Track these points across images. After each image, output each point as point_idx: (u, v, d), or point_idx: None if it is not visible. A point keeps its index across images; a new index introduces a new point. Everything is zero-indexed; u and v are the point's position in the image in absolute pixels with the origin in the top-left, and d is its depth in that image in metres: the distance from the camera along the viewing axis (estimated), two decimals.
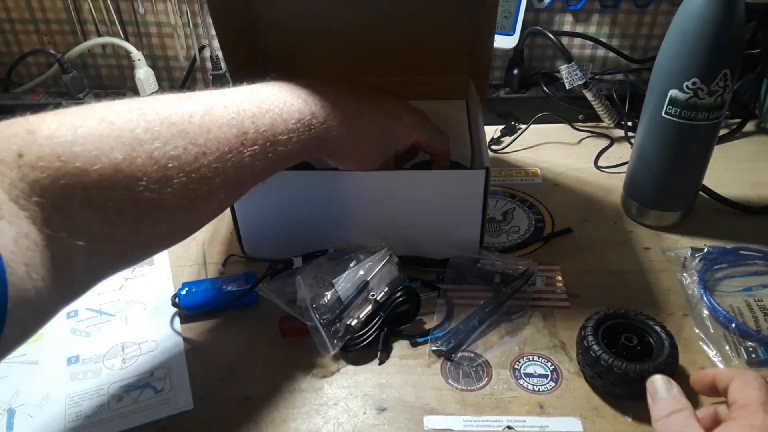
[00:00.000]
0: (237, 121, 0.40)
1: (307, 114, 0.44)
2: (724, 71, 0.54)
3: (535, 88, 0.85)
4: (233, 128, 0.39)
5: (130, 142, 0.34)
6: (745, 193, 0.69)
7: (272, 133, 0.42)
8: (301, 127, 0.44)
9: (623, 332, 0.48)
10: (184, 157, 0.37)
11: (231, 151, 0.39)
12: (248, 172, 0.41)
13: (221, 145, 0.39)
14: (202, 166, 0.37)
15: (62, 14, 0.86)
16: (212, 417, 0.46)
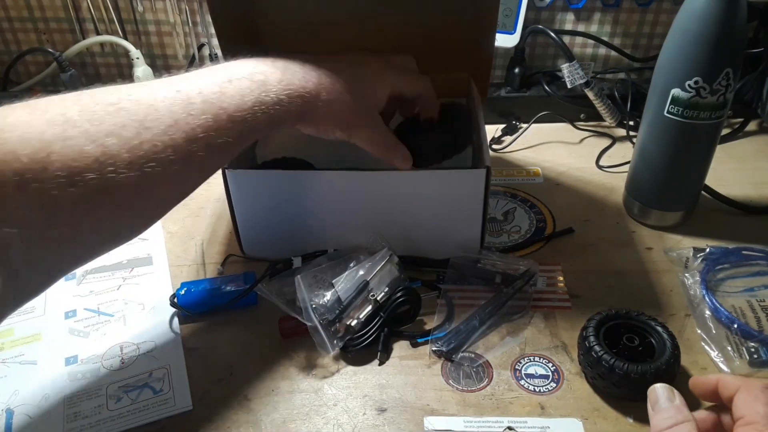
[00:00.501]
0: (182, 94, 0.38)
1: (275, 83, 0.43)
2: (726, 70, 0.53)
3: (537, 87, 0.85)
4: (177, 101, 0.38)
5: (62, 123, 0.33)
6: (747, 193, 0.69)
7: (226, 102, 0.40)
8: (267, 97, 0.42)
9: (625, 333, 0.47)
10: (124, 133, 0.35)
11: (177, 123, 0.37)
12: (203, 145, 0.38)
13: (164, 117, 0.36)
14: (145, 141, 0.35)
15: (61, 12, 0.86)
16: (211, 417, 0.46)
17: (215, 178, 0.56)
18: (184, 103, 0.38)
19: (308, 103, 0.46)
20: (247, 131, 0.42)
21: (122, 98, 0.36)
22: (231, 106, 0.40)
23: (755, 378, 0.39)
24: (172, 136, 0.37)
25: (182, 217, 0.68)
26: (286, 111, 0.44)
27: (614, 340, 0.47)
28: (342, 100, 0.47)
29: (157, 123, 0.36)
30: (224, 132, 0.40)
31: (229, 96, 0.40)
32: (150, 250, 0.63)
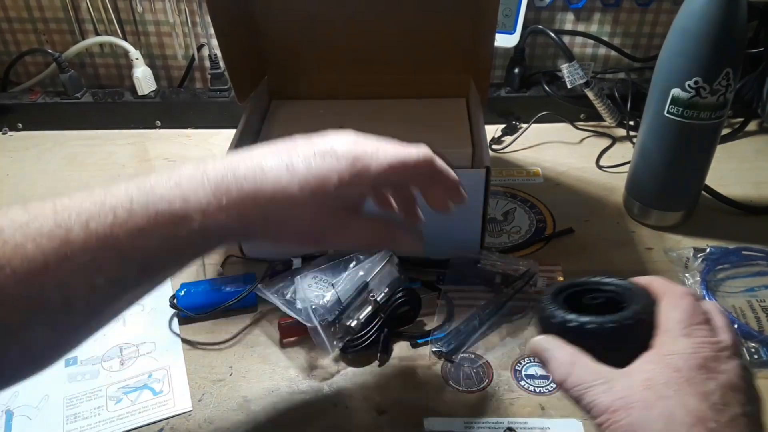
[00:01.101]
0: (61, 228, 0.31)
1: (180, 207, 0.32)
2: (726, 70, 0.53)
3: (537, 87, 0.85)
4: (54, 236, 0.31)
5: None
6: (747, 193, 0.69)
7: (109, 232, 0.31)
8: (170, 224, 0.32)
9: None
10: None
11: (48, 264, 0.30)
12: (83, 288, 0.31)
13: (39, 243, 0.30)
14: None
15: (60, 13, 0.86)
16: (211, 418, 0.46)
17: None
18: (63, 234, 0.31)
19: (249, 222, 0.34)
20: (143, 267, 0.33)
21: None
22: (126, 242, 0.32)
23: (684, 287, 0.34)
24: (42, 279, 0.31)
25: None
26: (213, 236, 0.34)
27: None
28: (298, 218, 0.35)
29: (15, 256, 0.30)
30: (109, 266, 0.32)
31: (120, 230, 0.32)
32: None
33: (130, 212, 0.32)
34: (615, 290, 0.36)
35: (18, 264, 0.30)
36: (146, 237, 0.32)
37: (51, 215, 0.31)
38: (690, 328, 0.31)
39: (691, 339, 0.31)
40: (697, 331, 0.31)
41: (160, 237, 0.32)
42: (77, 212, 0.32)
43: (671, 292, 0.34)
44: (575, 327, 0.33)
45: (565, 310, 0.34)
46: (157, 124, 0.85)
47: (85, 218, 0.31)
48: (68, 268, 0.31)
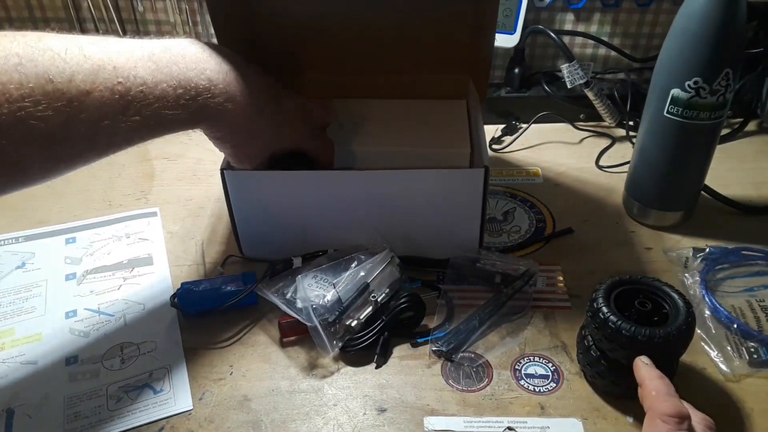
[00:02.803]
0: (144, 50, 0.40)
1: (205, 82, 0.43)
2: (726, 70, 0.53)
3: (536, 87, 0.85)
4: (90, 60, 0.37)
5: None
6: (747, 193, 0.69)
7: (142, 81, 0.39)
8: (194, 92, 0.42)
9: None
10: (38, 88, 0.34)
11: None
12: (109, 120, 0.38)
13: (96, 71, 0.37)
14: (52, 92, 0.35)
15: (61, 12, 0.86)
16: (211, 417, 0.46)
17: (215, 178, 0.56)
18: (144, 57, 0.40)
19: (232, 138, 0.49)
20: (156, 121, 0.41)
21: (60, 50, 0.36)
22: (149, 92, 0.40)
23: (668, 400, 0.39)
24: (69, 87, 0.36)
25: (182, 217, 0.68)
26: (211, 124, 0.46)
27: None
28: (260, 145, 0.51)
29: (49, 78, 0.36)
30: (130, 109, 0.39)
31: (150, 82, 0.40)
32: (150, 250, 0.63)
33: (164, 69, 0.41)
34: (665, 304, 0.44)
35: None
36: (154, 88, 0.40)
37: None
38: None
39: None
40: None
41: (165, 87, 0.40)
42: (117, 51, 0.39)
43: (654, 410, 0.39)
44: (644, 340, 0.41)
45: (621, 318, 0.42)
46: None
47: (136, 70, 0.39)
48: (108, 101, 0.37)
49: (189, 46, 0.43)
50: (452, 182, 0.54)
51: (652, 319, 0.44)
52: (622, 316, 0.43)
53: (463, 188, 0.54)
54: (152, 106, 0.40)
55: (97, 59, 0.38)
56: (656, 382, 0.40)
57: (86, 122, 0.37)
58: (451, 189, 0.55)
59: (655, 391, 0.39)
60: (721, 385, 0.47)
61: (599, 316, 0.43)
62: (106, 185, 0.73)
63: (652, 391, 0.39)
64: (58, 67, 0.35)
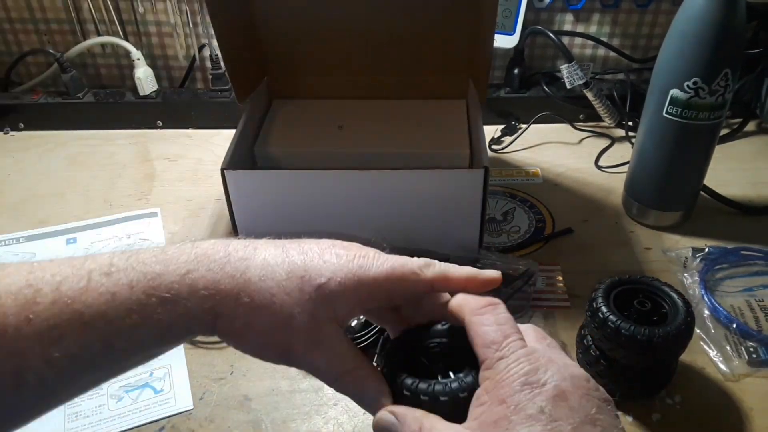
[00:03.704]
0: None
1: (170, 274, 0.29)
2: (725, 71, 0.54)
3: (536, 87, 0.85)
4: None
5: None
6: (746, 193, 0.69)
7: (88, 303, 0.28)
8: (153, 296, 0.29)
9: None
10: None
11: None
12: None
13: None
14: None
15: (62, 14, 0.86)
16: (212, 417, 0.46)
17: (216, 178, 0.56)
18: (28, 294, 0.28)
19: (221, 304, 0.30)
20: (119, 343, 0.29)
21: None
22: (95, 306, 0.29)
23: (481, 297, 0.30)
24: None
25: (183, 217, 0.68)
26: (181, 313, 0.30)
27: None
28: (274, 309, 0.30)
29: None
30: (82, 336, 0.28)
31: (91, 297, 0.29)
32: None
33: (107, 275, 0.29)
34: (664, 303, 0.44)
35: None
36: (115, 304, 0.28)
37: (25, 274, 0.29)
38: (502, 348, 0.28)
39: (507, 359, 0.27)
40: (510, 346, 0.27)
41: (129, 305, 0.28)
42: (52, 273, 0.29)
43: (466, 314, 0.29)
44: (643, 339, 0.41)
45: (621, 317, 0.42)
46: (159, 124, 0.85)
47: (59, 279, 0.29)
48: (26, 334, 0.28)
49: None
50: (452, 183, 0.54)
51: (651, 318, 0.44)
52: (622, 315, 0.43)
53: (463, 189, 0.54)
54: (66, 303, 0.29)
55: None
56: (461, 284, 0.31)
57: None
58: (451, 189, 0.55)
59: (461, 299, 0.30)
60: (721, 385, 0.47)
61: (599, 315, 0.43)
62: (106, 186, 0.74)
63: (459, 300, 0.31)
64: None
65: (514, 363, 0.27)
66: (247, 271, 0.30)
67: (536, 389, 0.26)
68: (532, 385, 0.26)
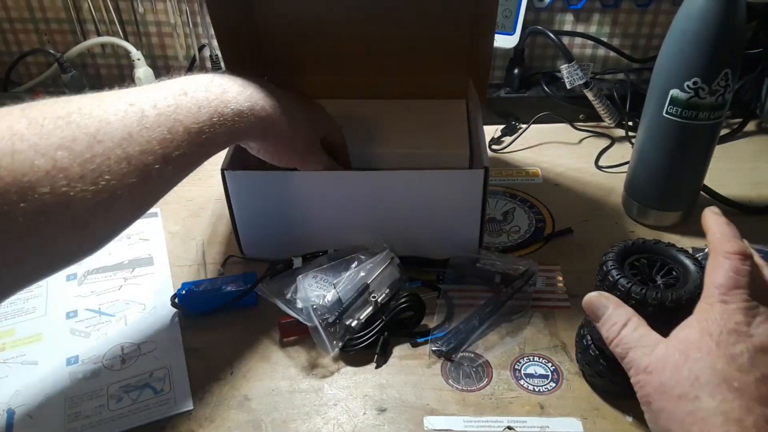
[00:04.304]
0: (134, 107, 0.37)
1: (235, 95, 0.43)
2: (725, 71, 0.54)
3: (536, 87, 0.85)
4: (129, 114, 0.37)
5: (9, 137, 0.32)
6: (746, 193, 0.69)
7: (182, 114, 0.39)
8: (226, 109, 0.42)
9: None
10: (75, 146, 0.34)
11: (131, 136, 0.36)
12: (158, 158, 0.38)
13: (117, 131, 0.36)
14: (97, 155, 0.34)
15: (62, 14, 0.86)
16: (212, 417, 0.46)
17: (216, 179, 0.56)
18: (137, 116, 0.37)
19: (270, 125, 0.46)
20: (205, 144, 0.41)
21: (72, 111, 0.35)
22: (187, 118, 0.40)
23: (734, 243, 0.37)
24: (126, 150, 0.36)
25: (183, 217, 0.68)
26: (246, 126, 0.44)
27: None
28: (300, 131, 0.50)
29: (109, 136, 0.35)
30: (181, 145, 0.39)
31: (185, 108, 0.40)
32: (151, 250, 0.63)
33: (188, 94, 0.40)
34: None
35: (105, 135, 0.35)
36: (203, 112, 0.40)
37: (121, 98, 0.38)
38: (727, 294, 0.33)
39: (727, 305, 0.33)
40: (734, 296, 0.33)
41: (211, 114, 0.41)
42: (145, 97, 0.38)
43: (717, 250, 0.36)
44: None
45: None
46: None
47: (152, 100, 0.38)
48: (148, 137, 0.37)
49: (181, 98, 0.42)
50: (452, 183, 0.54)
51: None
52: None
53: (463, 189, 0.55)
54: (173, 117, 0.40)
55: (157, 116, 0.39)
56: (723, 227, 0.38)
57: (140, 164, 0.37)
58: (451, 190, 0.55)
59: (719, 234, 0.37)
60: None
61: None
62: None
63: (717, 233, 0.38)
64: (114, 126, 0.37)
65: (732, 311, 0.33)
66: (280, 120, 0.48)
67: (743, 337, 0.32)
68: (740, 333, 0.32)
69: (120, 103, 0.37)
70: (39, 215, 0.32)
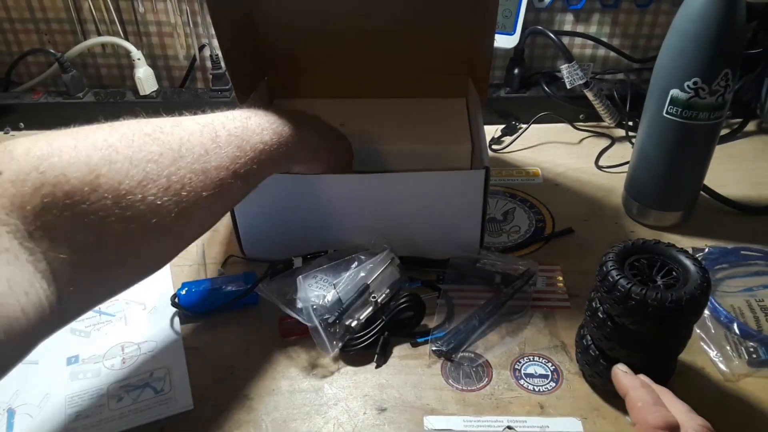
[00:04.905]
0: (208, 128, 0.42)
1: (285, 125, 0.48)
2: (725, 71, 0.54)
3: (536, 87, 0.85)
4: (205, 133, 0.41)
5: (106, 148, 0.35)
6: (746, 193, 0.69)
7: (248, 134, 0.44)
8: (284, 132, 0.47)
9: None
10: (162, 160, 0.37)
11: (207, 153, 0.40)
12: (230, 174, 0.42)
13: (195, 147, 0.40)
14: (181, 168, 0.38)
15: (62, 13, 0.86)
16: (212, 417, 0.46)
17: None
18: (211, 136, 0.41)
19: (314, 152, 0.53)
20: (267, 161, 0.45)
21: (156, 130, 0.38)
22: (253, 137, 0.44)
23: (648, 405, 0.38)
24: (204, 165, 0.40)
25: None
26: (296, 148, 0.49)
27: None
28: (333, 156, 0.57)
29: (190, 152, 0.39)
30: (248, 161, 0.43)
31: (251, 130, 0.45)
32: None
33: (251, 119, 0.45)
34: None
35: (186, 151, 0.39)
36: (265, 134, 0.45)
37: (195, 120, 0.42)
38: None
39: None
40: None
41: (271, 135, 0.46)
42: (216, 120, 0.43)
43: (642, 423, 0.37)
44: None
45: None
46: None
47: (222, 123, 0.43)
48: (221, 154, 0.41)
49: (247, 121, 0.46)
50: (453, 183, 0.54)
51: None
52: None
53: (464, 189, 0.55)
54: (239, 138, 0.44)
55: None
56: (640, 392, 0.39)
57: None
58: (452, 190, 0.55)
59: (640, 402, 0.38)
60: (720, 385, 0.47)
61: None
62: None
63: (638, 402, 0.38)
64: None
65: None
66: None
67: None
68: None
69: (195, 125, 0.42)
70: (131, 221, 0.35)
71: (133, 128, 0.38)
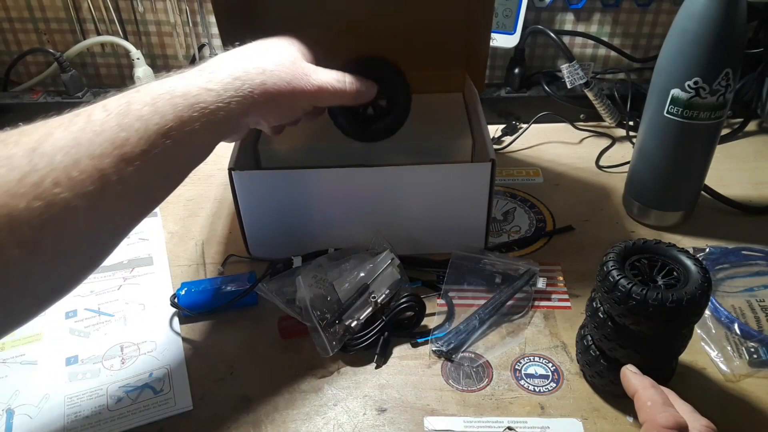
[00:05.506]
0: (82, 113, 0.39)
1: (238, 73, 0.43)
2: (726, 70, 0.53)
3: (537, 87, 0.85)
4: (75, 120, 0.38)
5: None
6: (747, 193, 0.69)
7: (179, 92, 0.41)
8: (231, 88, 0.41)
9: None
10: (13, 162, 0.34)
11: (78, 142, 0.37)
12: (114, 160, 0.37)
13: (59, 140, 0.37)
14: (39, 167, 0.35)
15: (61, 13, 0.86)
16: (211, 417, 0.46)
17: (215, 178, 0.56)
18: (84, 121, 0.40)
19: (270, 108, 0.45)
20: (214, 120, 0.40)
21: (14, 133, 0.36)
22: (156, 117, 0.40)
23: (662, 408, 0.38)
24: (74, 157, 0.37)
25: (182, 217, 0.68)
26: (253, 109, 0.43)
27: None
28: (286, 68, 0.47)
29: (50, 147, 0.38)
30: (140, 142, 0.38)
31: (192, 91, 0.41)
32: (150, 250, 0.63)
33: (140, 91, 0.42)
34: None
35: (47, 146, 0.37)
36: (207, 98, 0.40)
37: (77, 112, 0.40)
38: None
39: None
40: None
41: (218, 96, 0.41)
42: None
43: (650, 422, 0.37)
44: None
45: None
46: None
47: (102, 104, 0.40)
48: (97, 141, 0.37)
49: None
50: (459, 177, 0.54)
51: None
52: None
53: (470, 182, 0.55)
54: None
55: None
56: (650, 392, 0.39)
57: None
58: (458, 183, 0.55)
59: (650, 402, 0.38)
60: (721, 385, 0.47)
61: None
62: None
63: (647, 401, 0.38)
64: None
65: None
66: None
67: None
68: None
69: (68, 114, 0.38)
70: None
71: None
